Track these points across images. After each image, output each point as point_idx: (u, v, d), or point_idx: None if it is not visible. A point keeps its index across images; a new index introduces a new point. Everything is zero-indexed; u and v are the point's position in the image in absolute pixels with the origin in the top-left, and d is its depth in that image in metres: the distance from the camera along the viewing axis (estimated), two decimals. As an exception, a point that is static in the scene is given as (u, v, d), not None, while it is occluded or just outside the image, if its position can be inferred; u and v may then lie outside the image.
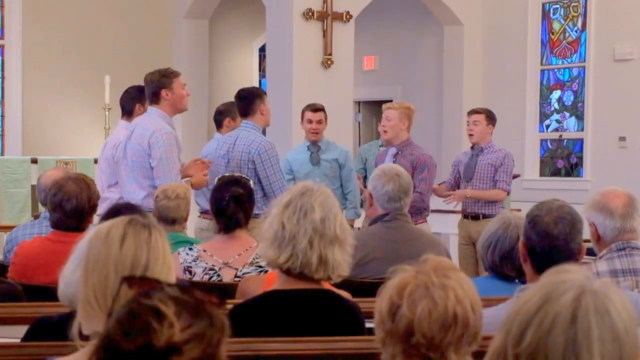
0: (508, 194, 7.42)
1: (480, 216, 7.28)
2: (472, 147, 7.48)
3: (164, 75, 5.93)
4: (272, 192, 6.33)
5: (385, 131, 7.02)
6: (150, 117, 5.93)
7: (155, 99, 5.91)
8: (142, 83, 6.36)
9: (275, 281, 3.15)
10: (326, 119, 7.47)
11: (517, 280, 3.63)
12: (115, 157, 6.30)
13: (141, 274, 2.21)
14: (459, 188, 7.49)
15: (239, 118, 7.05)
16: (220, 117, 7.21)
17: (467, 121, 7.51)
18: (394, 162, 6.58)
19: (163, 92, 5.89)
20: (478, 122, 7.40)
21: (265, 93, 6.74)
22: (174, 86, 5.91)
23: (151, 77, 5.95)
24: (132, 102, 6.53)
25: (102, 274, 2.24)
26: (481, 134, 7.38)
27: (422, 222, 6.59)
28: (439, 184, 7.66)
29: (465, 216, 7.42)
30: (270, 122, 6.77)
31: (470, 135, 7.43)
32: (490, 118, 7.44)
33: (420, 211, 6.69)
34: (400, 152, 6.89)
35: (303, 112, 7.50)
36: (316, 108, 7.44)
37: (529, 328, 1.52)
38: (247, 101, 6.60)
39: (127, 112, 6.57)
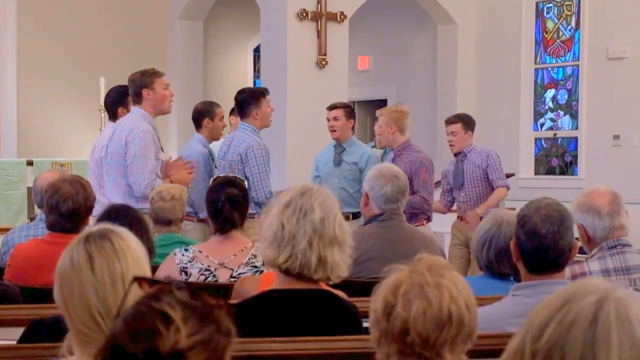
0: (508, 188, 7.38)
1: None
2: (455, 155, 7.46)
3: (145, 74, 5.89)
4: (254, 191, 6.31)
5: (379, 140, 7.05)
6: (132, 117, 5.92)
7: (138, 98, 5.88)
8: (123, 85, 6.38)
9: (272, 281, 3.16)
10: (349, 116, 7.31)
11: (512, 278, 3.66)
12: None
13: (121, 284, 2.18)
14: (452, 197, 7.49)
15: (217, 117, 7.02)
16: (199, 117, 7.09)
17: (446, 131, 7.45)
18: None
19: (144, 92, 5.85)
20: (456, 132, 7.35)
21: (263, 95, 6.64)
22: (156, 86, 5.87)
23: (133, 77, 5.92)
24: (114, 105, 6.55)
25: (83, 303, 2.21)
26: (461, 143, 7.35)
27: (419, 225, 6.56)
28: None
29: (463, 219, 7.41)
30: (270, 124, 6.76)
31: (452, 146, 7.40)
32: (467, 124, 7.40)
33: (422, 213, 6.68)
34: (397, 157, 6.86)
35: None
36: (332, 106, 7.36)
37: (549, 325, 1.52)
38: (242, 105, 6.62)
39: (112, 114, 6.59)
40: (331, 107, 7.36)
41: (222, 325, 1.55)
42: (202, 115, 7.04)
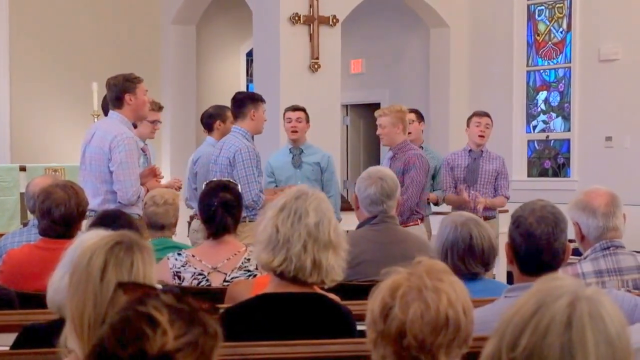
0: (508, 199, 7.52)
1: (482, 218, 7.31)
2: (469, 150, 7.52)
3: (127, 79, 5.84)
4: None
5: (382, 138, 7.00)
6: (112, 122, 5.85)
7: (119, 103, 5.82)
8: None
9: (265, 285, 3.15)
10: (307, 120, 7.42)
11: (482, 276, 3.72)
12: None
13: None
14: (455, 190, 7.51)
15: (229, 120, 7.07)
16: (210, 120, 7.21)
17: (478, 122, 7.48)
18: (389, 165, 6.57)
19: (127, 97, 5.80)
20: (489, 125, 7.49)
21: (261, 100, 6.69)
22: (137, 91, 5.83)
23: (115, 82, 5.86)
24: (108, 106, 6.57)
25: (80, 301, 2.24)
26: (488, 138, 7.50)
27: (413, 225, 6.55)
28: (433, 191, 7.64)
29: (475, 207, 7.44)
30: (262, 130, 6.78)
31: (482, 137, 7.45)
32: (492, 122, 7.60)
33: (416, 213, 6.66)
34: (395, 155, 6.86)
35: (284, 113, 7.51)
36: (295, 107, 7.44)
37: (523, 333, 1.53)
38: (239, 104, 6.61)
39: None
40: (294, 109, 7.43)
41: (208, 327, 1.56)
42: (214, 117, 7.17)
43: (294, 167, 7.33)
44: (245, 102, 6.61)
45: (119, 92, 5.80)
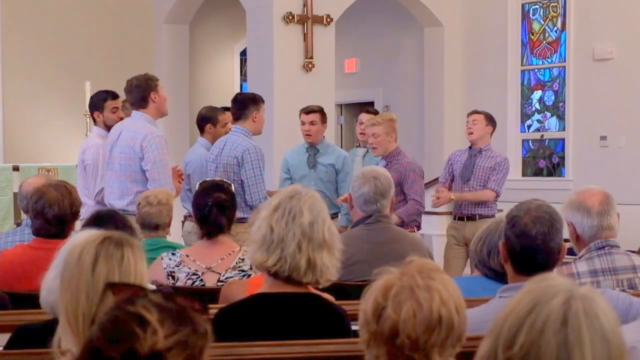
0: (497, 195, 7.46)
1: (477, 217, 7.33)
2: (470, 147, 7.58)
3: (150, 79, 5.95)
4: (249, 195, 6.31)
5: (374, 148, 6.94)
6: (138, 121, 5.91)
7: (143, 103, 5.89)
8: (110, 89, 6.38)
9: (260, 285, 3.15)
10: (323, 120, 7.36)
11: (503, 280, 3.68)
12: (84, 162, 6.36)
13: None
14: (451, 187, 7.56)
15: (219, 124, 7.08)
16: (202, 123, 7.22)
17: (466, 122, 7.61)
18: None
19: (152, 95, 5.89)
20: (477, 121, 7.52)
21: (262, 101, 6.70)
22: (159, 89, 5.95)
23: (138, 82, 5.92)
24: (91, 109, 6.65)
25: (73, 296, 2.25)
26: (480, 133, 7.49)
27: (409, 231, 6.54)
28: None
29: (460, 218, 7.45)
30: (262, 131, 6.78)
31: (470, 133, 7.52)
32: (489, 119, 7.58)
33: (416, 218, 6.69)
34: (389, 164, 6.85)
35: (299, 115, 7.46)
36: (309, 110, 7.36)
37: (520, 331, 1.54)
38: (241, 105, 6.60)
39: (93, 119, 6.68)
40: (308, 111, 7.36)
41: (198, 326, 1.56)
42: (205, 120, 7.19)
43: (309, 167, 7.31)
44: (247, 103, 6.60)
45: (145, 91, 5.89)
